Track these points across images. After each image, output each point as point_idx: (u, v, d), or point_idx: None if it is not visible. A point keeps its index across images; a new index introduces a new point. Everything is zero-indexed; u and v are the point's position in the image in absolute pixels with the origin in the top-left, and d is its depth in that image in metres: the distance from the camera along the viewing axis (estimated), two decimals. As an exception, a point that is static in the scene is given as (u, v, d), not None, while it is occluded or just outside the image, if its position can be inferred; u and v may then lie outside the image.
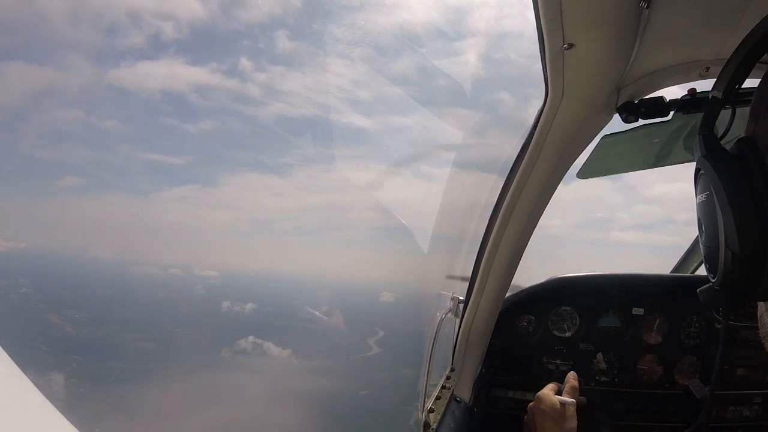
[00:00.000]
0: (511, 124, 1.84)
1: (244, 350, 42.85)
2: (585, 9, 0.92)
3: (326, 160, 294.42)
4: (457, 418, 1.83)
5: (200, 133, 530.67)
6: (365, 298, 61.06)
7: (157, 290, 77.96)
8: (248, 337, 44.36)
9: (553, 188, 1.62)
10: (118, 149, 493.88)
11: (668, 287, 2.20)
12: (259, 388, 35.05)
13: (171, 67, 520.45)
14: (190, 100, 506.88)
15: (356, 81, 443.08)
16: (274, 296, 71.10)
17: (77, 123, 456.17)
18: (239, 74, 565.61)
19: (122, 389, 27.86)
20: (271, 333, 48.58)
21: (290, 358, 39.69)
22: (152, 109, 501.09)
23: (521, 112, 1.57)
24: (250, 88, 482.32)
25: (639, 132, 1.41)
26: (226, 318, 58.44)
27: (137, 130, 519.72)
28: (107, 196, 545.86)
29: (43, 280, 54.92)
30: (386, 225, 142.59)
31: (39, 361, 30.29)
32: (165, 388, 32.17)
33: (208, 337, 48.53)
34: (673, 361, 2.13)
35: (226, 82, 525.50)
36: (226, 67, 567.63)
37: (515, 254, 1.81)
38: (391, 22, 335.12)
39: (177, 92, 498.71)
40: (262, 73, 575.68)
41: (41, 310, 41.92)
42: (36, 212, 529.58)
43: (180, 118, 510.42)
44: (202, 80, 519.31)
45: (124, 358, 35.92)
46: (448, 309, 2.07)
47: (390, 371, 30.23)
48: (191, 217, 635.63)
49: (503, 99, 2.36)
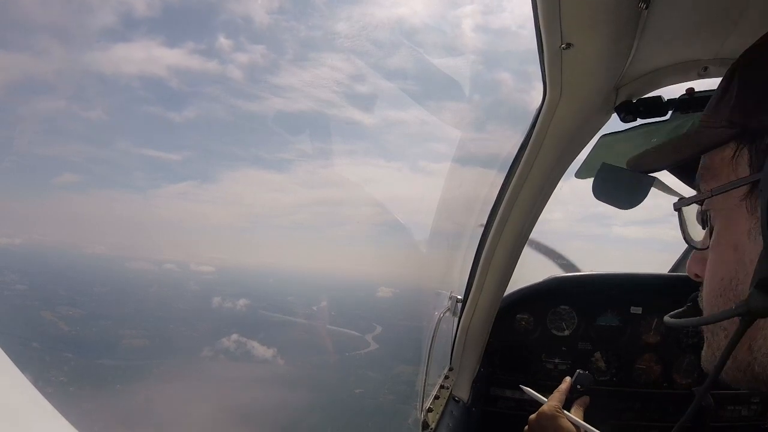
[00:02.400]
0: (509, 122, 1.85)
1: (227, 349, 42.20)
2: (583, 8, 0.92)
3: (324, 156, 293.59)
4: (456, 417, 1.83)
5: (197, 127, 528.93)
6: (362, 293, 60.54)
7: (151, 286, 77.49)
8: (232, 335, 43.62)
9: (552, 187, 1.63)
10: (115, 144, 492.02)
11: (667, 286, 2.20)
12: (246, 387, 34.80)
13: (168, 59, 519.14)
14: (185, 94, 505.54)
15: (355, 75, 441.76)
16: (269, 292, 70.47)
17: (63, 115, 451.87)
18: (236, 68, 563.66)
19: (110, 388, 27.68)
20: (261, 329, 48.03)
21: (276, 356, 39.15)
22: (151, 106, 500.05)
23: (519, 111, 1.57)
24: (245, 81, 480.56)
25: (637, 132, 1.41)
26: (217, 314, 57.87)
27: (132, 124, 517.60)
28: (102, 192, 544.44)
29: (39, 276, 54.55)
30: (385, 221, 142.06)
31: (33, 359, 30.17)
32: (154, 386, 32.02)
33: (194, 334, 47.83)
34: (671, 360, 2.13)
35: (220, 76, 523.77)
36: (222, 63, 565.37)
37: (514, 253, 1.81)
38: (389, 18, 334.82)
39: (173, 87, 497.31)
40: (258, 69, 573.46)
41: (36, 306, 41.62)
42: (29, 208, 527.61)
43: (177, 112, 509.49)
44: (196, 74, 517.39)
45: (115, 355, 35.71)
46: (447, 308, 2.07)
47: (386, 369, 30.11)
48: (189, 212, 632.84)
49: (502, 96, 2.37)
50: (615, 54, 1.09)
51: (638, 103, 1.28)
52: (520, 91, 1.76)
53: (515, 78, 2.30)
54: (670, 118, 1.33)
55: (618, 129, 1.41)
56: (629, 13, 0.94)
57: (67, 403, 0.77)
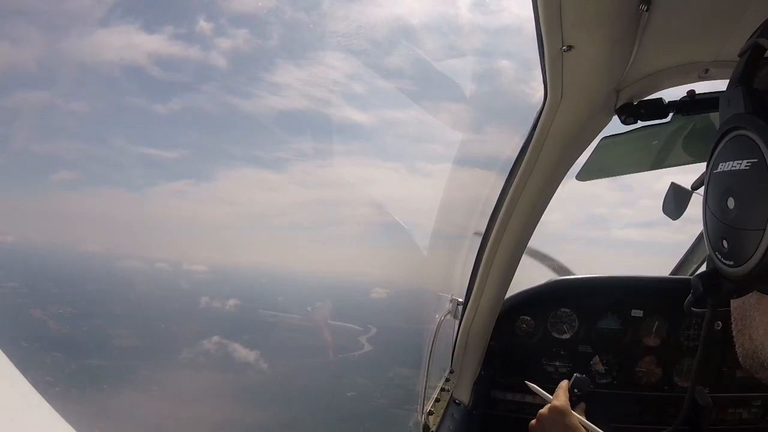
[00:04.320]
0: (510, 124, 1.84)
1: (207, 351, 41.51)
2: (584, 11, 0.92)
3: (321, 155, 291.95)
4: (456, 420, 1.83)
5: (192, 125, 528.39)
6: (359, 295, 60.07)
7: (143, 284, 77.16)
8: (212, 337, 42.87)
9: (553, 190, 1.62)
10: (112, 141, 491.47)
11: (667, 289, 2.20)
12: (230, 390, 34.44)
13: (161, 55, 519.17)
14: (180, 92, 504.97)
15: (353, 74, 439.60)
16: (260, 292, 69.90)
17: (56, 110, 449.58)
18: (231, 65, 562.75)
19: (98, 388, 27.47)
20: (247, 331, 47.41)
21: (258, 360, 38.58)
22: (147, 104, 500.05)
23: (520, 113, 1.57)
24: (243, 79, 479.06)
25: (638, 134, 1.41)
26: (204, 313, 57.18)
27: (131, 121, 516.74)
28: (96, 189, 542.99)
29: (29, 273, 54.32)
30: (382, 222, 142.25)
31: (24, 358, 30.04)
32: (140, 387, 31.80)
33: (176, 334, 47.01)
34: (672, 363, 2.13)
35: (214, 74, 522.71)
36: (217, 60, 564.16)
37: (514, 256, 1.81)
38: (387, 16, 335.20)
39: (170, 84, 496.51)
40: (254, 65, 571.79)
41: (27, 304, 41.34)
42: (21, 204, 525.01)
43: (174, 112, 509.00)
44: (190, 72, 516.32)
45: (104, 355, 35.42)
46: (447, 311, 2.06)
47: (385, 372, 29.95)
48: (184, 211, 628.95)
49: (502, 98, 2.37)
50: (616, 56, 1.09)
51: (639, 105, 1.27)
52: (521, 93, 1.76)
53: (516, 80, 2.32)
54: (671, 121, 1.33)
55: (619, 131, 1.42)
56: (630, 15, 0.94)
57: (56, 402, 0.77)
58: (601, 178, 1.83)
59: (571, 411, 1.35)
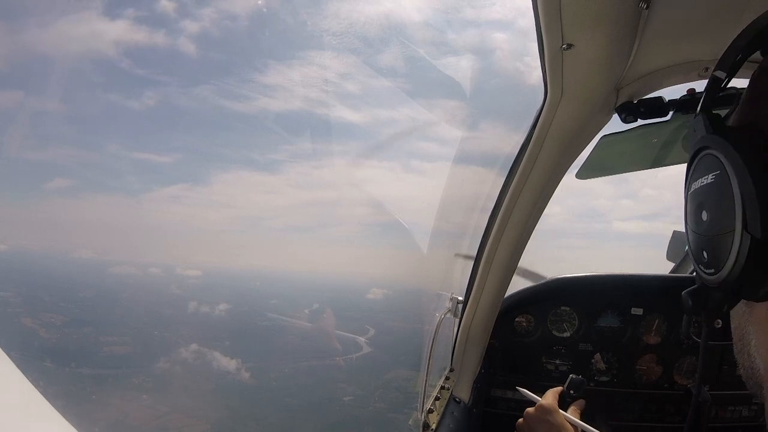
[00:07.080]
0: (510, 122, 1.84)
1: (184, 360, 40.94)
2: (584, 9, 0.92)
3: (317, 156, 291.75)
4: (456, 418, 1.83)
5: (187, 130, 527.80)
6: (356, 296, 59.69)
7: (136, 288, 76.85)
8: (191, 345, 42.17)
9: (553, 188, 1.62)
10: (106, 147, 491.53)
11: (667, 287, 2.20)
12: (222, 395, 34.14)
13: (154, 61, 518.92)
14: (173, 96, 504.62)
15: (347, 74, 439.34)
16: (255, 295, 69.38)
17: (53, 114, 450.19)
18: (223, 68, 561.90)
19: (87, 396, 27.29)
20: (242, 335, 46.86)
21: (240, 367, 38.11)
22: (149, 112, 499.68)
23: (520, 111, 1.57)
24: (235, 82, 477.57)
25: (638, 132, 1.41)
26: (194, 318, 56.65)
27: (123, 125, 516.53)
28: (90, 195, 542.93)
29: (22, 281, 54.03)
30: (380, 222, 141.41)
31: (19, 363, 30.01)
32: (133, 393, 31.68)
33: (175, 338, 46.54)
34: (672, 361, 2.13)
35: (207, 77, 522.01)
36: (209, 63, 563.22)
37: (515, 254, 1.81)
38: (383, 12, 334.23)
39: (165, 82, 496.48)
40: (246, 67, 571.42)
41: (18, 314, 41.15)
42: (14, 212, 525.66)
43: (167, 116, 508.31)
44: (183, 75, 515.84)
45: (95, 362, 35.29)
46: (447, 309, 2.07)
47: (385, 372, 29.78)
48: (179, 215, 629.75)
49: (502, 97, 2.36)
50: (616, 54, 1.09)
51: (639, 103, 1.27)
52: (521, 91, 1.76)
53: (516, 78, 2.31)
54: (671, 119, 1.33)
55: (619, 129, 1.42)
56: (630, 14, 0.94)
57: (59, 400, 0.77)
58: (601, 177, 1.83)
59: (558, 409, 1.39)
